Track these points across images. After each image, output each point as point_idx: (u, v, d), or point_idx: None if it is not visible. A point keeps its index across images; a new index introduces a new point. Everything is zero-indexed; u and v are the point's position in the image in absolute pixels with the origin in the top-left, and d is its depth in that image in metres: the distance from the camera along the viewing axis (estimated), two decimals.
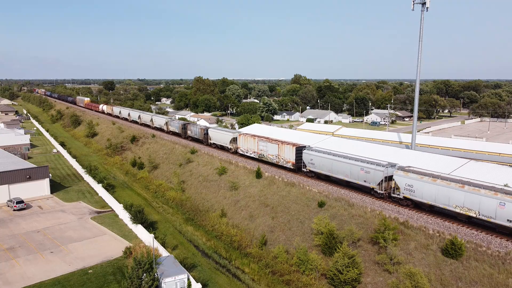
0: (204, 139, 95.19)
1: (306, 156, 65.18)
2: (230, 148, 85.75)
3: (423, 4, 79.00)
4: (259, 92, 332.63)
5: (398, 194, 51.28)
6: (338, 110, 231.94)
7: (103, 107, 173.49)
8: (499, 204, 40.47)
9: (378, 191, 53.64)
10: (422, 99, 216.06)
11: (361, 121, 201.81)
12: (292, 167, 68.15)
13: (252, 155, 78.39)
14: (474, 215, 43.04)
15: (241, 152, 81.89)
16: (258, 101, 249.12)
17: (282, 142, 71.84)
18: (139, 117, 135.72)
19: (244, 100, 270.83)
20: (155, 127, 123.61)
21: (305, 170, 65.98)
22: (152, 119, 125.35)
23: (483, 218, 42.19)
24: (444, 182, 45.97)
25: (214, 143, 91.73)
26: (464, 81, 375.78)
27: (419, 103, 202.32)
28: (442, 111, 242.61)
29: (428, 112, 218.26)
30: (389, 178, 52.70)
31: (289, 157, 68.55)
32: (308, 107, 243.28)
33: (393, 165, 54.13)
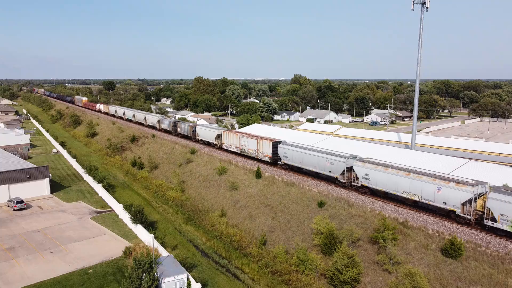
0: (192, 136, 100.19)
1: (281, 150, 70.41)
2: (216, 144, 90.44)
3: (423, 4, 79.05)
4: (259, 92, 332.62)
5: (357, 183, 56.31)
6: (338, 110, 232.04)
7: (100, 106, 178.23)
8: (436, 189, 45.80)
9: (341, 180, 58.77)
10: (422, 99, 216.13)
11: (361, 121, 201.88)
12: (269, 160, 73.35)
13: (234, 150, 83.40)
14: (418, 199, 48.26)
15: (225, 148, 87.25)
16: (258, 101, 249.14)
17: (261, 138, 77.43)
18: (133, 115, 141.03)
19: (244, 100, 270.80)
20: (148, 125, 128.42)
21: (280, 163, 71.43)
22: (145, 117, 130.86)
23: (425, 201, 47.52)
24: (394, 170, 51.21)
25: (201, 139, 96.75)
26: (464, 81, 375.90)
27: (419, 103, 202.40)
28: (442, 111, 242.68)
29: (428, 112, 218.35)
30: (351, 169, 57.76)
31: (266, 151, 73.86)
32: (308, 107, 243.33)
33: (354, 157, 59.17)
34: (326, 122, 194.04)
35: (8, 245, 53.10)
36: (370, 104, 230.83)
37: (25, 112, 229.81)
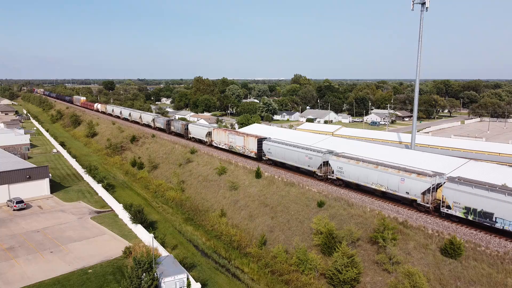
0: (185, 134, 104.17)
1: (265, 146, 74.31)
2: (206, 141, 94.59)
3: (423, 4, 79.05)
4: (259, 92, 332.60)
5: (332, 176, 60.11)
6: (338, 110, 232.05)
7: (98, 105, 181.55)
8: (400, 180, 49.90)
9: (319, 174, 62.58)
10: (422, 99, 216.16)
11: (361, 121, 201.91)
12: (255, 156, 76.90)
13: (223, 147, 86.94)
14: (385, 190, 52.05)
15: (215, 145, 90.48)
16: (258, 101, 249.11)
17: (247, 135, 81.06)
18: (129, 114, 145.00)
19: (244, 100, 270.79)
20: (143, 123, 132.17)
21: (264, 158, 75.25)
22: (140, 116, 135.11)
23: (391, 192, 51.41)
24: (364, 164, 55.21)
25: (193, 137, 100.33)
26: (464, 81, 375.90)
27: (419, 103, 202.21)
28: (442, 111, 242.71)
29: (428, 112, 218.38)
30: (327, 163, 61.30)
31: (252, 147, 77.53)
32: (308, 107, 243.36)
33: (330, 152, 62.97)
34: (326, 122, 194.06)
35: (8, 245, 53.13)
36: (370, 104, 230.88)
37: (25, 112, 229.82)
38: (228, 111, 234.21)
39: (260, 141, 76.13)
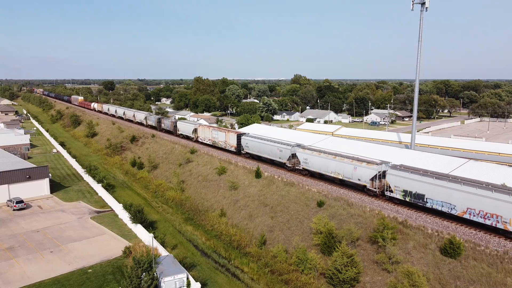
0: (174, 131, 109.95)
1: (243, 141, 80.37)
2: (193, 137, 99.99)
3: (423, 4, 79.11)
4: (259, 92, 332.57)
5: (299, 167, 66.38)
6: (338, 110, 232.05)
7: (95, 105, 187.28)
8: (353, 168, 56.32)
9: (288, 165, 68.81)
10: (421, 99, 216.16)
11: (361, 121, 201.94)
12: (235, 150, 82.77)
13: (208, 142, 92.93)
14: (342, 178, 58.41)
15: (200, 140, 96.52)
16: (258, 101, 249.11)
17: (228, 131, 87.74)
18: (124, 113, 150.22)
19: (244, 100, 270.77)
20: (137, 121, 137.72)
21: (243, 152, 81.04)
22: (134, 114, 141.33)
23: (346, 179, 57.78)
24: (325, 155, 61.89)
25: (181, 134, 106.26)
26: (464, 81, 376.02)
27: (419, 103, 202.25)
28: (442, 111, 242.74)
29: (428, 112, 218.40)
30: (295, 155, 67.35)
31: (232, 142, 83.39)
32: (308, 107, 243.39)
33: (298, 145, 68.93)
34: (326, 122, 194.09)
35: (8, 244, 53.16)
36: (370, 104, 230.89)
37: (25, 112, 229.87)
38: (228, 111, 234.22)
39: (239, 136, 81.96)
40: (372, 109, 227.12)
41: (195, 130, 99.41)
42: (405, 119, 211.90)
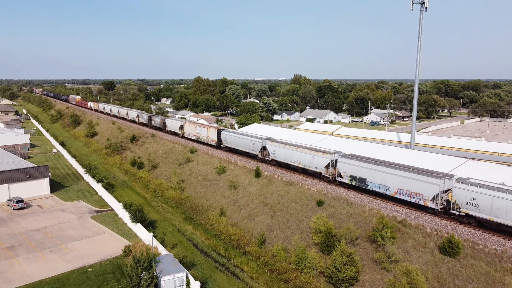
0: (163, 127, 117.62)
1: (222, 135, 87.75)
2: (179, 133, 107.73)
3: (422, 4, 79.19)
4: (259, 92, 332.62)
5: (269, 158, 74.11)
6: (337, 110, 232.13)
7: (91, 104, 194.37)
8: (312, 158, 63.81)
9: (260, 156, 76.36)
10: (421, 99, 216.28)
11: (361, 121, 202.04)
12: (215, 144, 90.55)
13: (192, 138, 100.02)
14: (303, 166, 65.85)
15: (186, 136, 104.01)
16: (258, 101, 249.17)
17: (210, 127, 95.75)
18: (118, 111, 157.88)
19: (244, 100, 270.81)
20: (130, 119, 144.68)
21: (222, 146, 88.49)
22: (127, 112, 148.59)
23: (306, 167, 65.31)
24: (289, 146, 69.39)
25: (169, 130, 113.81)
26: (463, 81, 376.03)
27: (419, 103, 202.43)
28: (442, 111, 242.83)
29: (428, 112, 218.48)
30: (265, 148, 74.24)
31: (213, 137, 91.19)
32: (307, 107, 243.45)
33: (269, 138, 76.59)
34: (325, 122, 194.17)
35: (8, 244, 53.28)
36: (369, 104, 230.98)
37: (25, 112, 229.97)
38: (228, 111, 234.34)
39: (219, 131, 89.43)
40: (372, 109, 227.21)
41: (181, 127, 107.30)
42: (405, 119, 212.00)
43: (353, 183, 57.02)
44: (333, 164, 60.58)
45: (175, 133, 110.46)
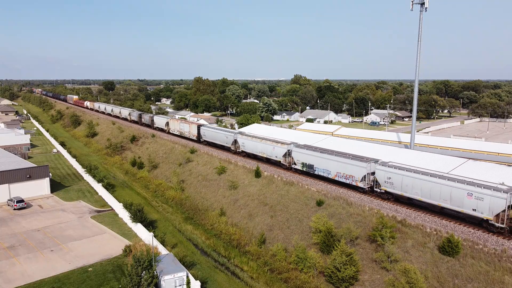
0: (151, 124, 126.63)
1: (202, 130, 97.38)
2: (166, 129, 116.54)
3: (422, 4, 79.28)
4: (259, 92, 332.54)
5: (240, 150, 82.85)
6: (337, 110, 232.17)
7: (87, 103, 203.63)
8: (273, 148, 73.15)
9: (232, 149, 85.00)
10: (421, 99, 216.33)
11: (361, 121, 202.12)
12: (196, 139, 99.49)
13: (176, 133, 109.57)
14: (266, 156, 75.00)
15: (171, 132, 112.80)
16: (258, 101, 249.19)
17: (191, 123, 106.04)
18: (112, 110, 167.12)
19: (244, 100, 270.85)
20: (123, 117, 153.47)
21: (202, 140, 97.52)
22: (120, 111, 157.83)
23: (269, 157, 74.41)
24: (255, 139, 78.66)
25: (157, 127, 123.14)
26: (463, 81, 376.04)
27: (419, 103, 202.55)
28: (442, 111, 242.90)
29: (428, 112, 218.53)
30: (289, 153, 74.51)
31: (194, 132, 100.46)
32: (307, 107, 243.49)
33: (240, 132, 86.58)
34: (325, 122, 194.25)
35: (8, 243, 53.37)
36: (369, 104, 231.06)
37: (25, 112, 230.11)
38: (228, 111, 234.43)
39: (199, 127, 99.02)
40: (372, 109, 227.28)
41: (167, 123, 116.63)
42: (404, 119, 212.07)
43: (304, 169, 65.80)
44: (289, 153, 69.02)
45: (162, 129, 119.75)
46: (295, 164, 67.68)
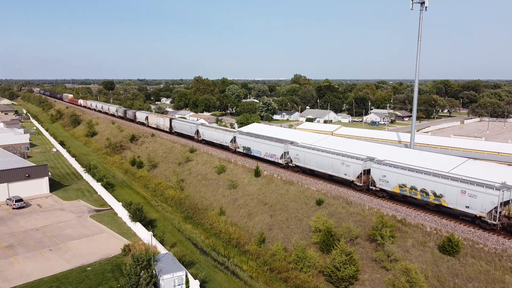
0: (133, 118, 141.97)
1: (173, 123, 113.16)
2: (145, 123, 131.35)
3: (422, 3, 79.09)
4: (259, 92, 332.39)
5: (200, 138, 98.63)
6: (337, 110, 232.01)
7: (80, 101, 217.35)
8: (223, 136, 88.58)
9: (195, 138, 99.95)
10: (421, 99, 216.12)
11: (361, 121, 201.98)
12: (168, 130, 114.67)
13: (154, 126, 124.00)
14: (220, 143, 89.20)
15: (150, 125, 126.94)
16: (258, 101, 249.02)
17: (165, 117, 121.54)
18: (102, 107, 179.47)
19: (244, 100, 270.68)
20: (111, 113, 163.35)
21: (173, 131, 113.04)
22: (108, 108, 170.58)
23: (223, 144, 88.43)
24: (211, 128, 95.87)
25: (139, 121, 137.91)
26: (463, 81, 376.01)
27: (419, 103, 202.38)
28: (442, 111, 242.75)
29: (428, 112, 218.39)
30: (234, 139, 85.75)
31: (167, 124, 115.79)
32: (307, 107, 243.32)
33: (198, 124, 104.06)
34: (325, 121, 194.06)
35: (7, 243, 53.21)
36: (369, 104, 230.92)
37: (24, 111, 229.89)
38: (228, 111, 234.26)
39: (171, 120, 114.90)
40: (372, 109, 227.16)
41: (146, 118, 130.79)
42: (404, 119, 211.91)
43: (244, 151, 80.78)
44: (234, 139, 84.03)
45: (142, 123, 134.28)
46: (238, 148, 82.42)
